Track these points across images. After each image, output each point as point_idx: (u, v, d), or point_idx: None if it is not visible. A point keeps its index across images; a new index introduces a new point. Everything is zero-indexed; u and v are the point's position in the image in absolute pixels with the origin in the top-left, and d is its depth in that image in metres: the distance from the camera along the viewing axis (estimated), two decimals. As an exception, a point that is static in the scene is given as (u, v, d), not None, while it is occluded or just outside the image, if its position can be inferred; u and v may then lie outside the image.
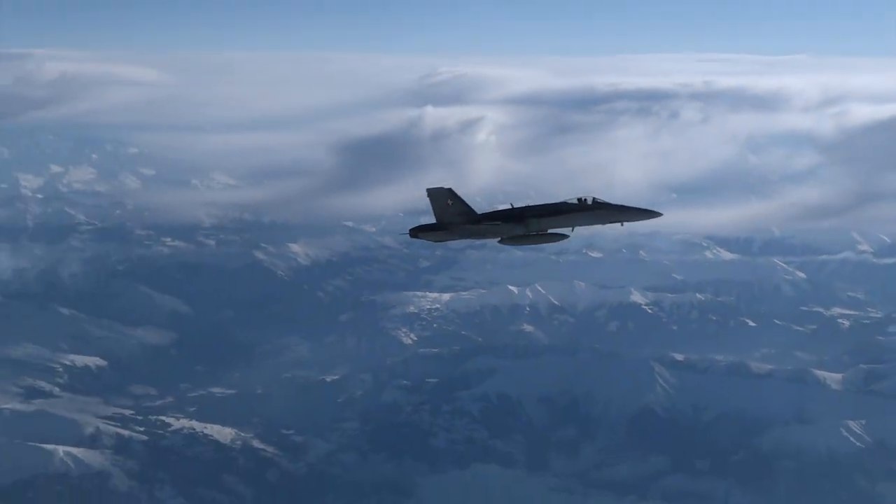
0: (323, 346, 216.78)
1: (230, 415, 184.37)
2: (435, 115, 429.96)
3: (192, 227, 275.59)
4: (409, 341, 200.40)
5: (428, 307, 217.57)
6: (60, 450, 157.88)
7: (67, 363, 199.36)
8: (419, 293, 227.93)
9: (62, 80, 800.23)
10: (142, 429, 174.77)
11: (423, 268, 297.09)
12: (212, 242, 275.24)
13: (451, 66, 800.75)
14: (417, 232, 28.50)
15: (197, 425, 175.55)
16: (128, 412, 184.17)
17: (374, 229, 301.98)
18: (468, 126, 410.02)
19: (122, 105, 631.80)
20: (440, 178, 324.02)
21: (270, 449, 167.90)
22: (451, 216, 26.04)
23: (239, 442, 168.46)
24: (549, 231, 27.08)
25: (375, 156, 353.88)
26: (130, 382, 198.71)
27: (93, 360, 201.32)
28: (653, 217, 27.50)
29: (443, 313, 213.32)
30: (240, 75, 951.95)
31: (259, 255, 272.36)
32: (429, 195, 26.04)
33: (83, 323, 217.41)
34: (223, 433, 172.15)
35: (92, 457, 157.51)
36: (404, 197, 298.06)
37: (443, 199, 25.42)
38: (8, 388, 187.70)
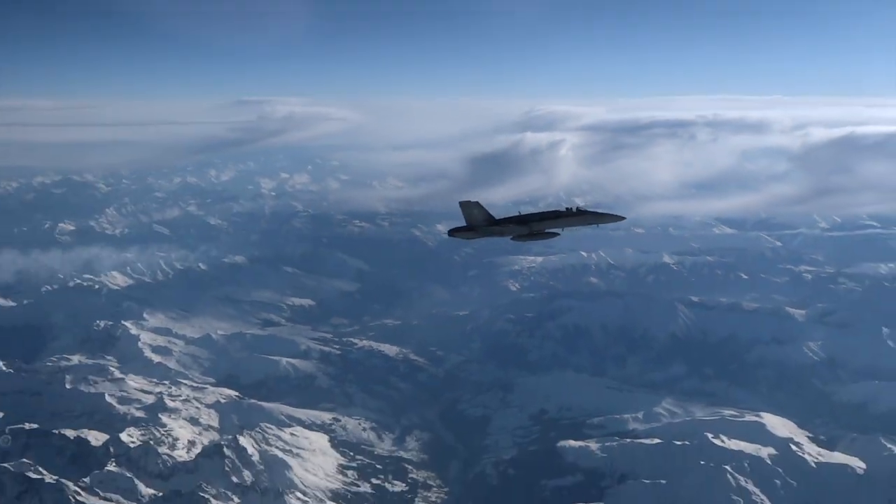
0: (457, 293, 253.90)
1: (395, 337, 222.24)
2: (532, 139, 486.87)
3: (372, 214, 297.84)
4: (515, 289, 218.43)
5: (528, 266, 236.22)
6: (284, 360, 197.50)
7: (289, 304, 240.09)
8: (521, 257, 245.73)
9: (289, 117, 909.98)
10: (337, 346, 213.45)
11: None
12: (385, 224, 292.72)
13: (543, 106, 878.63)
14: (453, 232, 32.24)
15: (374, 344, 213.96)
16: (328, 335, 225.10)
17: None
18: (554, 146, 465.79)
19: (329, 133, 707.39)
20: (535, 182, 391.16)
21: (421, 360, 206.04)
22: (477, 220, 30.63)
23: (401, 355, 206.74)
24: (546, 231, 30.81)
25: (492, 165, 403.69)
26: (330, 316, 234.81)
27: (306, 301, 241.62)
28: (618, 220, 32.31)
29: (537, 270, 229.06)
30: (407, 113, 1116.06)
31: (416, 232, 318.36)
32: (461, 206, 30.44)
33: (300, 277, 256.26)
34: (391, 350, 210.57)
35: (304, 365, 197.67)
36: (511, 193, 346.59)
37: (471, 208, 29.83)
38: (251, 320, 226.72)
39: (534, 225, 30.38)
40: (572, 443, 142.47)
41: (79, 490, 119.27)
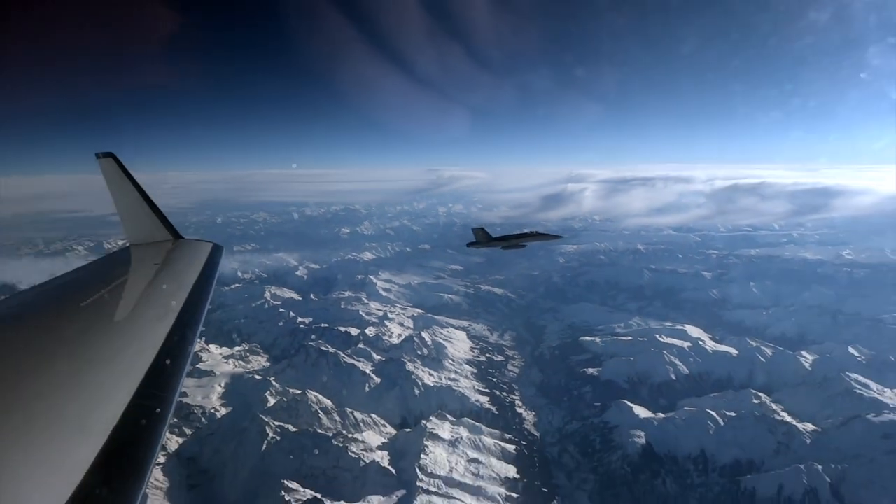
0: (532, 263, 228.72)
1: (501, 284, 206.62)
2: (572, 187, 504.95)
3: (493, 224, 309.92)
4: (562, 261, 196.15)
5: (569, 249, 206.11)
6: (445, 295, 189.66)
7: (450, 268, 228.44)
8: (566, 245, 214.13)
9: (451, 177, 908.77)
10: (472, 289, 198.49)
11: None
12: (499, 229, 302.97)
13: (578, 170, 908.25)
14: (469, 245, 32.63)
15: (490, 288, 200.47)
16: (468, 283, 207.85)
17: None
18: (583, 190, 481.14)
19: (471, 185, 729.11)
20: (572, 209, 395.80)
21: (513, 296, 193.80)
22: (482, 238, 31.18)
23: (503, 294, 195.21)
24: (518, 244, 31.63)
25: (551, 200, 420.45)
26: (470, 274, 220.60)
27: (458, 266, 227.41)
28: (558, 238, 34.07)
29: (574, 251, 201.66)
30: (510, 174, 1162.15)
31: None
32: (472, 231, 31.72)
33: (455, 255, 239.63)
34: (498, 291, 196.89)
35: (455, 298, 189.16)
36: (559, 214, 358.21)
37: (478, 231, 31.16)
38: (431, 275, 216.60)
39: (510, 241, 32.74)
40: (587, 338, 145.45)
41: (344, 356, 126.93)
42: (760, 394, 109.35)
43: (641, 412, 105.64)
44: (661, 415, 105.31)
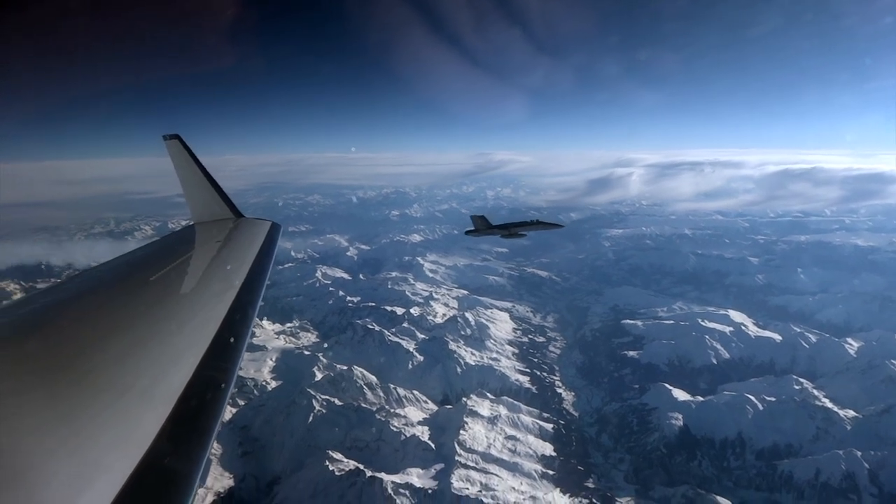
0: (578, 246, 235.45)
1: (546, 267, 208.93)
2: (619, 171, 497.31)
3: (539, 208, 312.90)
4: (607, 244, 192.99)
5: (614, 234, 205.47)
6: (490, 277, 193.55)
7: (495, 250, 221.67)
8: (611, 229, 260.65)
9: (500, 160, 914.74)
10: (516, 271, 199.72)
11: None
12: (545, 212, 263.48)
13: (626, 154, 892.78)
14: (468, 233, 30.87)
15: (535, 270, 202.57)
16: (513, 265, 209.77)
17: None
18: (630, 175, 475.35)
19: (519, 168, 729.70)
20: (618, 194, 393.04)
21: (557, 278, 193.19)
22: (481, 226, 29.39)
23: (548, 276, 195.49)
24: (519, 233, 29.57)
25: (597, 185, 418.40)
26: (515, 256, 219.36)
27: (503, 249, 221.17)
28: (559, 227, 32.28)
29: (619, 236, 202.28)
30: (557, 158, 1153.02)
31: (560, 216, 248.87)
32: (471, 218, 30.10)
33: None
34: (543, 273, 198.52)
35: (499, 279, 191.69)
36: (605, 199, 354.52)
37: (477, 219, 29.37)
38: (476, 257, 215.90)
39: (511, 229, 31.16)
40: (629, 321, 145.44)
41: (390, 334, 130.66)
42: (802, 380, 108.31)
43: (680, 395, 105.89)
44: (700, 398, 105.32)
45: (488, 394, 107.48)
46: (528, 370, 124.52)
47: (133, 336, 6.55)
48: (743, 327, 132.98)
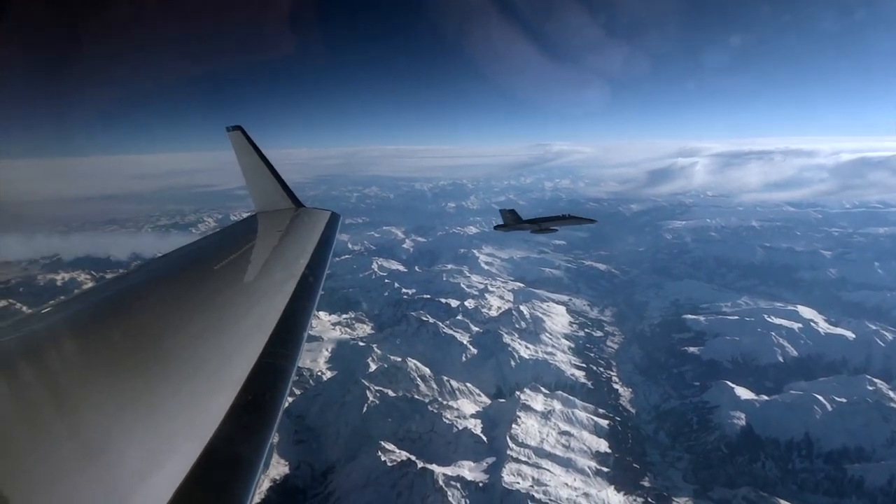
0: (638, 239, 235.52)
1: (604, 260, 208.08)
2: (681, 161, 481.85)
3: (598, 199, 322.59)
4: (668, 237, 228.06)
5: (676, 226, 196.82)
6: (546, 269, 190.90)
7: (553, 243, 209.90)
8: (673, 221, 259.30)
9: (559, 152, 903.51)
10: (574, 264, 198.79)
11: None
12: (605, 204, 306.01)
13: (690, 144, 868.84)
14: (497, 227, 30.62)
15: (593, 263, 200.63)
16: (570, 258, 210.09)
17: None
18: (693, 164, 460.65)
19: (578, 159, 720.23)
20: (680, 185, 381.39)
21: (616, 272, 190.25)
22: (510, 220, 29.26)
23: (606, 269, 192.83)
24: (549, 228, 29.26)
25: (658, 176, 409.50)
26: (573, 249, 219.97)
27: (561, 241, 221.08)
28: (591, 222, 31.38)
29: (681, 228, 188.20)
30: (617, 148, 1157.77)
31: (620, 208, 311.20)
32: (500, 212, 30.18)
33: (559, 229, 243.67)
34: (602, 266, 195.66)
35: (556, 272, 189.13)
36: (666, 190, 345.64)
37: (506, 213, 29.42)
38: (533, 249, 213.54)
39: (542, 224, 30.60)
40: (690, 316, 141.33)
41: (444, 326, 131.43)
42: (877, 380, 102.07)
43: (744, 393, 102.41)
44: (764, 397, 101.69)
45: (542, 388, 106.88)
46: (584, 365, 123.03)
47: (199, 323, 6.78)
48: (813, 324, 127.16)
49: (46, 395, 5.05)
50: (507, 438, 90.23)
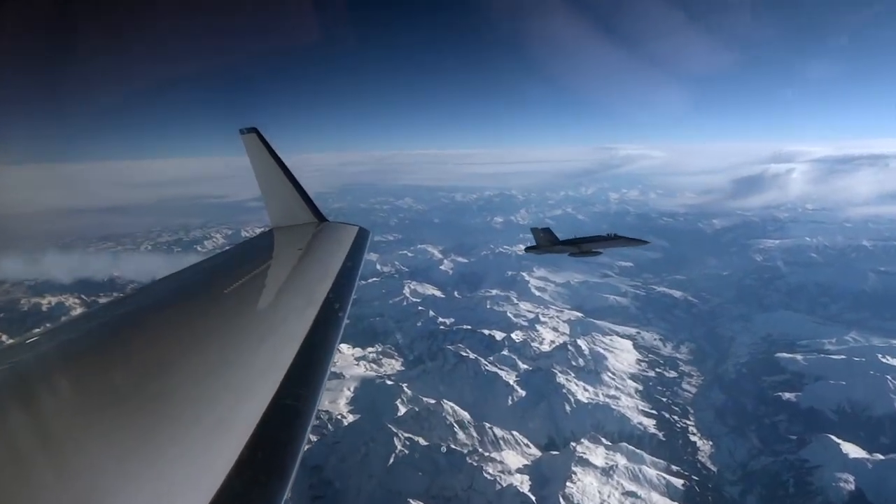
0: (721, 261, 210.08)
1: (680, 286, 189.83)
2: (775, 168, 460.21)
3: (674, 213, 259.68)
4: (758, 259, 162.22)
5: (768, 246, 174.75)
6: (611, 297, 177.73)
7: (618, 264, 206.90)
8: (764, 240, 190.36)
9: (626, 157, 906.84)
10: (643, 290, 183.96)
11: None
12: (682, 219, 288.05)
13: (787, 147, 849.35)
14: (528, 249, 28.66)
15: (666, 289, 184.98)
16: (639, 284, 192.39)
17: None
18: (789, 172, 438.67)
19: (649, 166, 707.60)
20: (773, 196, 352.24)
21: (695, 300, 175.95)
22: (544, 242, 27.19)
23: (682, 297, 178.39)
24: (592, 250, 26.82)
25: (747, 185, 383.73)
26: (642, 272, 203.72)
27: (628, 263, 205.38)
28: (641, 244, 27.87)
29: (774, 248, 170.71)
30: (695, 152, 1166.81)
31: (700, 224, 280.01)
32: (532, 231, 27.98)
33: (623, 248, 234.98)
34: (676, 293, 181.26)
35: (622, 300, 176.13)
36: (756, 203, 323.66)
37: (539, 233, 27.30)
38: (594, 273, 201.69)
39: (583, 246, 27.17)
40: (785, 354, 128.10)
41: (487, 363, 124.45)
42: None
43: (852, 450, 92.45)
44: (879, 456, 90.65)
45: (603, 439, 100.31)
46: (654, 411, 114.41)
47: (206, 357, 6.27)
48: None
49: (31, 443, 4.62)
50: (560, 498, 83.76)
